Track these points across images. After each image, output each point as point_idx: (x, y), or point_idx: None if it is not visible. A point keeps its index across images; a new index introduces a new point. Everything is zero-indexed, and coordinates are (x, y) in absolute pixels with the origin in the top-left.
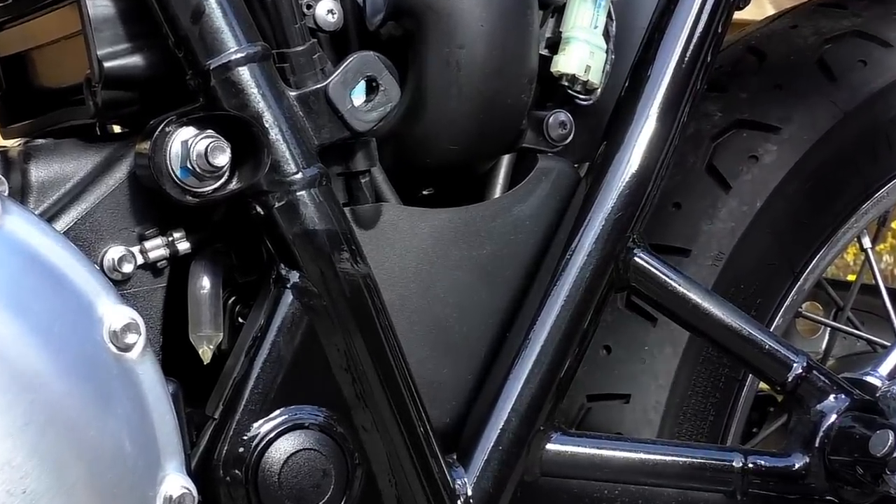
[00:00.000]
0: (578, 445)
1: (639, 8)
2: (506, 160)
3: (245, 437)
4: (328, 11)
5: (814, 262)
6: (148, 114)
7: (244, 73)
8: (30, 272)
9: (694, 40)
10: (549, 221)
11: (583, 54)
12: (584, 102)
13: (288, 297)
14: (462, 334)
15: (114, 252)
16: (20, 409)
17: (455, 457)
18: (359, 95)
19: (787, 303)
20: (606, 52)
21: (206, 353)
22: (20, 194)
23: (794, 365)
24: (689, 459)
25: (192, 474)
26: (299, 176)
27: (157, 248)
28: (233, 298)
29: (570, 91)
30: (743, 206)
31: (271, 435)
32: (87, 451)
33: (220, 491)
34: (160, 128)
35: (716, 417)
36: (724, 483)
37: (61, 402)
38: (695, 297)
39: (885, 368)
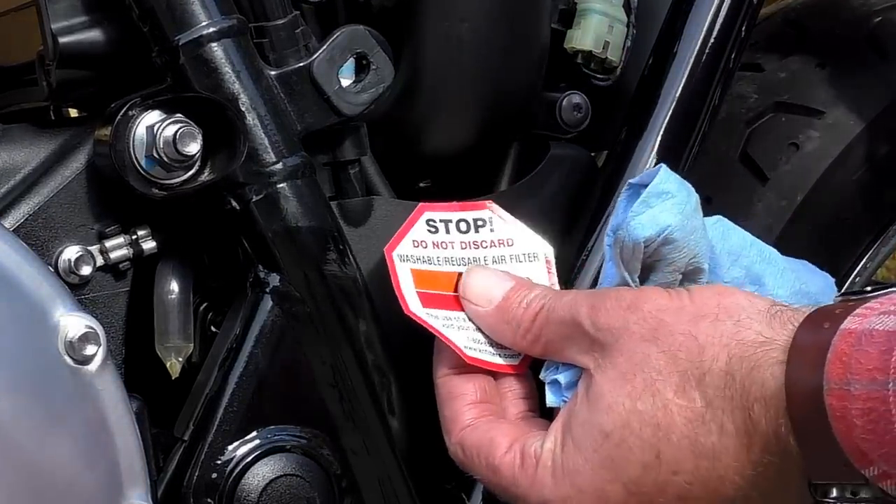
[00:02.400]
0: None
1: None
2: (513, 148)
3: (218, 462)
4: None
5: (861, 263)
6: (108, 96)
7: (217, 50)
8: None
9: (726, 13)
10: (562, 216)
11: (600, 28)
12: (602, 83)
13: (267, 304)
14: None
15: (70, 252)
16: None
17: (453, 484)
18: (347, 75)
19: None
20: (627, 25)
21: (174, 366)
22: None
23: None
24: None
25: (159, 503)
26: (280, 166)
27: (118, 247)
28: (204, 305)
29: (585, 70)
30: (781, 200)
31: (248, 459)
32: (39, 478)
33: None
34: (122, 111)
35: None
36: None
37: (9, 421)
38: None
39: None
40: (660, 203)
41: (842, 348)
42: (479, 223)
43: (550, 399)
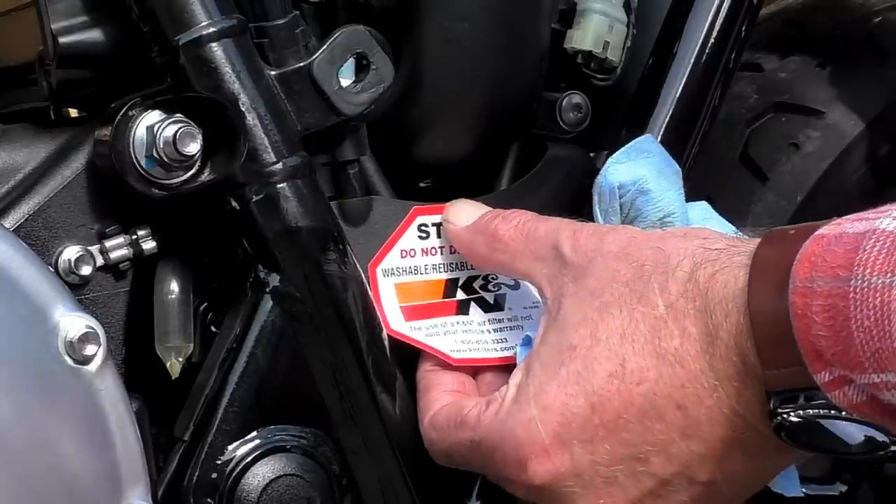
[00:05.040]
0: None
1: None
2: (513, 148)
3: (218, 462)
4: None
5: None
6: (109, 96)
7: (217, 50)
8: None
9: (726, 13)
10: (560, 216)
11: (600, 28)
12: (602, 83)
13: (267, 304)
14: None
15: (70, 252)
16: None
17: (454, 484)
18: (347, 75)
19: None
20: (627, 25)
21: (174, 366)
22: None
23: None
24: None
25: (159, 503)
26: (280, 166)
27: (118, 247)
28: (204, 305)
29: (585, 70)
30: (782, 201)
31: (248, 459)
32: (38, 479)
33: None
34: (122, 111)
35: None
36: None
37: (8, 421)
38: None
39: None
40: (639, 158)
41: (812, 249)
42: None
43: (521, 357)
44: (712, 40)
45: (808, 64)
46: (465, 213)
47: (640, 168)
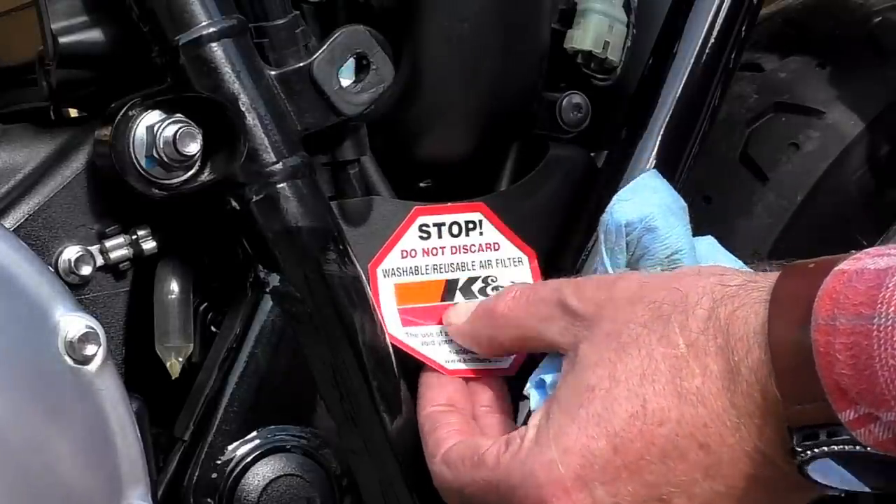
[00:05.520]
0: None
1: None
2: (513, 148)
3: (218, 462)
4: None
5: None
6: (108, 96)
7: (217, 50)
8: None
9: (726, 13)
10: (562, 216)
11: (600, 28)
12: (602, 83)
13: (267, 304)
14: None
15: (70, 252)
16: None
17: None
18: (347, 75)
19: None
20: (627, 25)
21: (174, 366)
22: None
23: None
24: None
25: (159, 503)
26: (280, 166)
27: (118, 247)
28: (204, 305)
29: (585, 70)
30: (782, 200)
31: (248, 459)
32: (38, 479)
33: None
34: (122, 111)
35: None
36: None
37: (9, 421)
38: None
39: None
40: (644, 194)
41: (833, 286)
42: (470, 226)
43: (535, 400)
44: (712, 40)
45: (808, 64)
46: (462, 309)
47: (646, 205)
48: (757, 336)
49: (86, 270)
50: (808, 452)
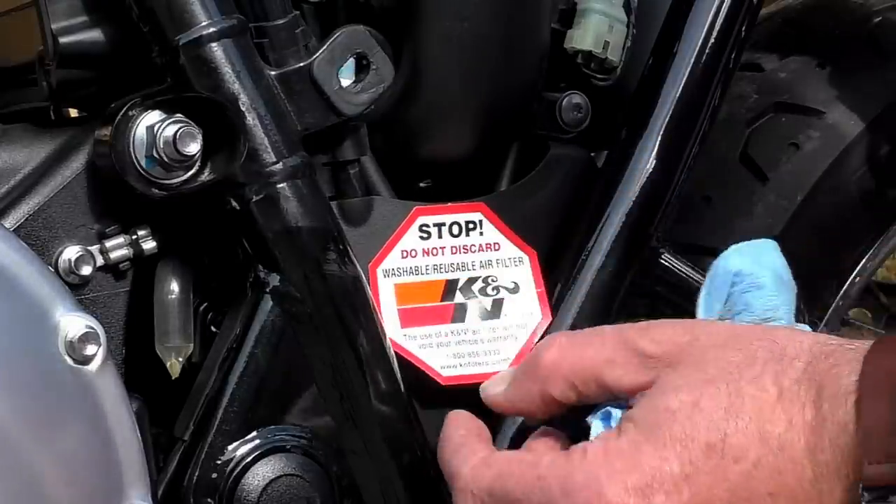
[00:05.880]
0: None
1: None
2: (513, 148)
3: (218, 462)
4: None
5: (862, 263)
6: (108, 96)
7: (217, 50)
8: None
9: (726, 13)
10: (561, 217)
11: (600, 28)
12: (602, 83)
13: (267, 304)
14: None
15: (70, 252)
16: None
17: None
18: (347, 75)
19: (831, 309)
20: (627, 25)
21: (174, 366)
22: None
23: None
24: None
25: (159, 503)
26: (280, 166)
27: (118, 247)
28: (204, 305)
29: (585, 70)
30: (782, 200)
31: (248, 459)
32: (39, 478)
33: None
34: (123, 111)
35: None
36: None
37: (9, 421)
38: None
39: None
40: (763, 254)
41: None
42: (471, 226)
43: (597, 429)
44: (712, 40)
45: (808, 64)
46: (499, 378)
47: (761, 264)
48: (848, 396)
49: (86, 270)
50: None
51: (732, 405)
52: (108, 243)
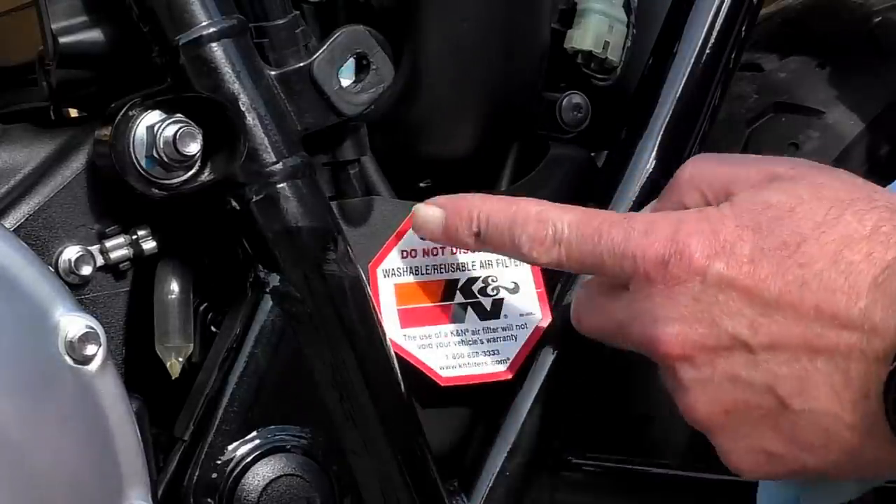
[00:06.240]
0: (597, 471)
1: None
2: (513, 148)
3: (218, 462)
4: None
5: None
6: (108, 96)
7: (217, 50)
8: None
9: (726, 13)
10: None
11: (600, 28)
12: (602, 83)
13: (267, 304)
14: None
15: (70, 252)
16: None
17: (456, 483)
18: (347, 75)
19: None
20: (627, 25)
21: (174, 366)
22: None
23: None
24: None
25: (159, 503)
26: (280, 166)
27: (118, 247)
28: (204, 305)
29: (585, 70)
30: None
31: (248, 459)
32: (38, 479)
33: None
34: (123, 111)
35: None
36: None
37: (9, 421)
38: None
39: None
40: None
41: None
42: None
43: None
44: (712, 40)
45: (808, 64)
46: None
47: None
48: None
49: (86, 270)
50: None
51: (825, 222)
52: (108, 243)
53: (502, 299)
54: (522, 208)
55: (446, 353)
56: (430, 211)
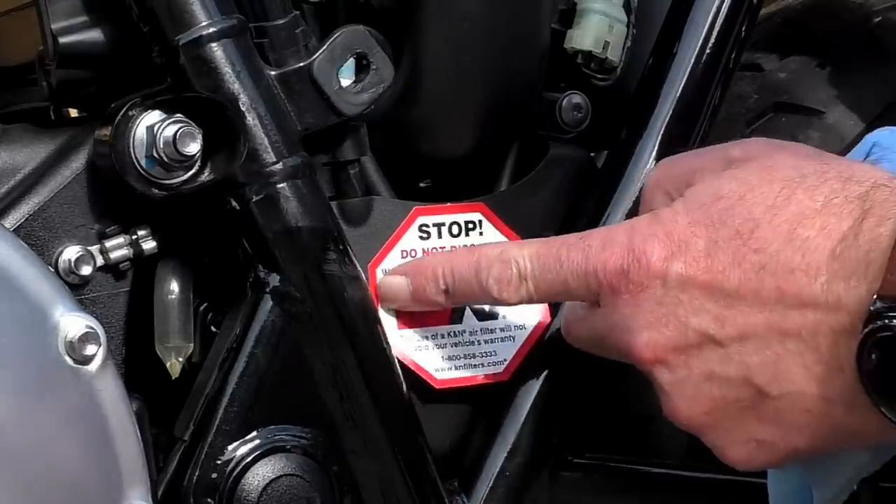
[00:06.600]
0: (598, 471)
1: None
2: (513, 148)
3: (218, 462)
4: None
5: None
6: (109, 96)
7: (217, 50)
8: None
9: (726, 13)
10: (561, 217)
11: (600, 28)
12: (602, 83)
13: (267, 304)
14: None
15: (70, 252)
16: None
17: (456, 483)
18: (347, 75)
19: None
20: (627, 25)
21: (174, 366)
22: None
23: None
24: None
25: (159, 503)
26: (280, 166)
27: (118, 247)
28: (204, 305)
29: (585, 70)
30: None
31: (248, 459)
32: (38, 479)
33: None
34: (123, 111)
35: None
36: None
37: (9, 422)
38: None
39: None
40: None
41: None
42: (470, 226)
43: None
44: (712, 40)
45: (808, 64)
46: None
47: None
48: (893, 219)
49: (86, 270)
50: (878, 322)
51: (776, 204)
52: (108, 243)
53: None
54: (484, 254)
55: (442, 354)
56: (394, 280)
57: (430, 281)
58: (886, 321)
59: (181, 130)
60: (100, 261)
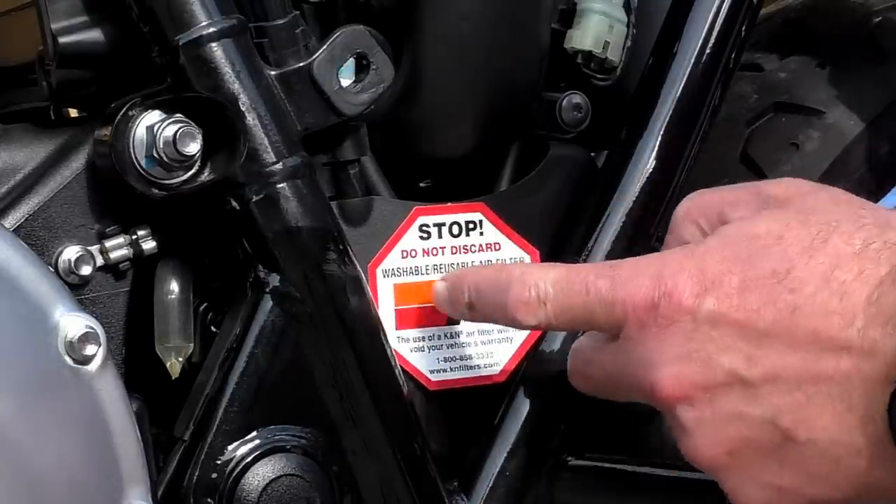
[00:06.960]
0: (598, 471)
1: None
2: (513, 148)
3: (218, 462)
4: None
5: None
6: (108, 96)
7: (217, 50)
8: None
9: (726, 13)
10: (561, 217)
11: (600, 28)
12: (602, 83)
13: (267, 304)
14: None
15: (70, 252)
16: None
17: (456, 484)
18: (347, 75)
19: None
20: (627, 25)
21: (174, 366)
22: None
23: None
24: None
25: (159, 503)
26: (280, 166)
27: (118, 247)
28: (204, 305)
29: (585, 70)
30: None
31: (248, 459)
32: (38, 479)
33: None
34: (122, 111)
35: None
36: None
37: (9, 421)
38: None
39: None
40: None
41: None
42: (471, 226)
43: None
44: (712, 40)
45: (808, 64)
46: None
47: None
48: None
49: (86, 270)
50: None
51: (812, 246)
52: (108, 243)
53: None
54: (508, 272)
55: (439, 356)
56: (438, 286)
57: (459, 293)
58: None
59: (181, 130)
60: (100, 261)
